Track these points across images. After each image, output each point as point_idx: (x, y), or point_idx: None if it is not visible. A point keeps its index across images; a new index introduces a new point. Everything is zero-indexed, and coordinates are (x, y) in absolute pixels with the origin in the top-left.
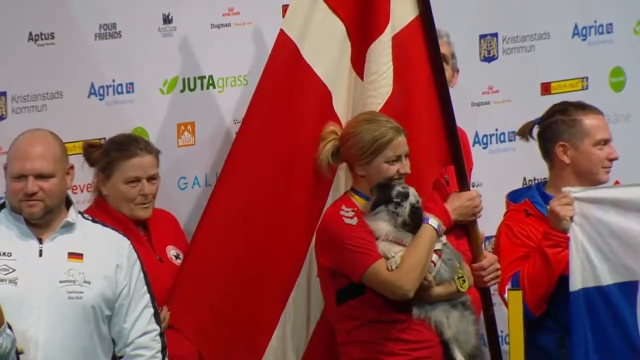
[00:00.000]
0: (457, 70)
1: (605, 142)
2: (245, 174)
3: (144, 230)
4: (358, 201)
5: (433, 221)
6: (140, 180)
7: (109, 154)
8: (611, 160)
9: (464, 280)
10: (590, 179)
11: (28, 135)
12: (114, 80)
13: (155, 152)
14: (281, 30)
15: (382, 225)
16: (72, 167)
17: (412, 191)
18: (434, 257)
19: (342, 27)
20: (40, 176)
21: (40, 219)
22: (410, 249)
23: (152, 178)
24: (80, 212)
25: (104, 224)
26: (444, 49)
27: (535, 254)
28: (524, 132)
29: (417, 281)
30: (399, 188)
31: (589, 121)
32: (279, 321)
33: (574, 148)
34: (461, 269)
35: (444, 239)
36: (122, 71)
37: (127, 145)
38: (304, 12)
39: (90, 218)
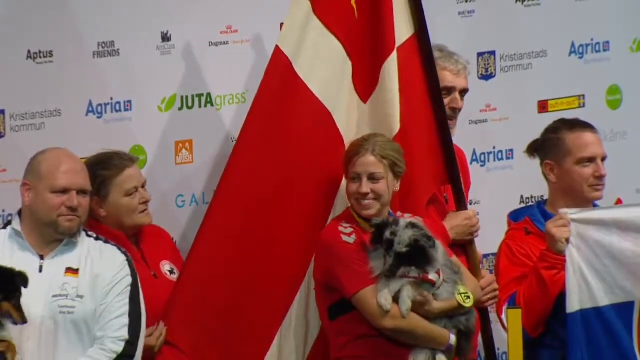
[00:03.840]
0: None
1: (590, 159)
2: (242, 192)
3: (136, 247)
4: (357, 219)
5: (453, 338)
6: (137, 189)
7: (97, 176)
8: (598, 177)
9: (467, 297)
10: (578, 197)
11: (60, 152)
12: (112, 98)
13: (136, 160)
14: (277, 46)
15: (378, 264)
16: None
17: (400, 237)
18: (434, 276)
19: (340, 47)
20: (81, 191)
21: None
22: (423, 322)
23: (144, 185)
24: (84, 230)
25: (106, 240)
26: (465, 83)
27: (532, 275)
28: (529, 151)
29: (397, 334)
30: (387, 234)
31: (572, 139)
32: (275, 338)
33: (559, 167)
34: (463, 286)
35: (443, 259)
36: (120, 89)
37: (112, 160)
38: (298, 29)
39: (94, 235)
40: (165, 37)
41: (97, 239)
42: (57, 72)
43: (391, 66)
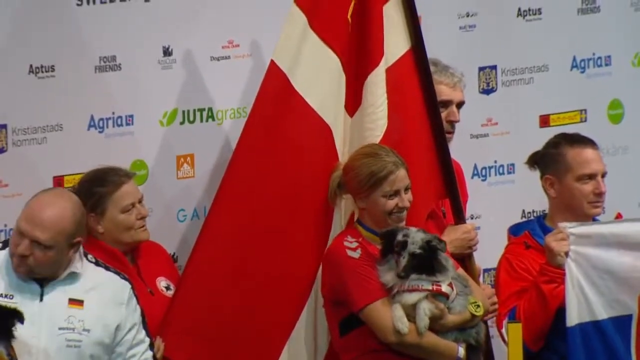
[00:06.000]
0: None
1: (591, 176)
2: (240, 206)
3: (133, 263)
4: (363, 233)
5: (461, 351)
6: (134, 205)
7: (94, 192)
8: (597, 194)
9: (477, 305)
10: (577, 212)
11: (47, 196)
12: (113, 113)
13: (133, 175)
14: (272, 60)
15: (390, 274)
16: (79, 242)
17: (412, 238)
18: (448, 289)
19: (337, 61)
20: (36, 243)
21: (29, 274)
22: (431, 336)
23: (140, 200)
24: (85, 254)
25: (107, 267)
26: (462, 96)
27: (531, 289)
28: (530, 162)
29: (404, 348)
30: (399, 237)
31: (573, 155)
32: (282, 354)
33: (559, 182)
34: (473, 296)
35: (453, 272)
36: (121, 103)
37: (108, 176)
38: (294, 43)
39: (93, 260)
40: (167, 52)
41: (97, 264)
42: (59, 87)
43: (374, 80)
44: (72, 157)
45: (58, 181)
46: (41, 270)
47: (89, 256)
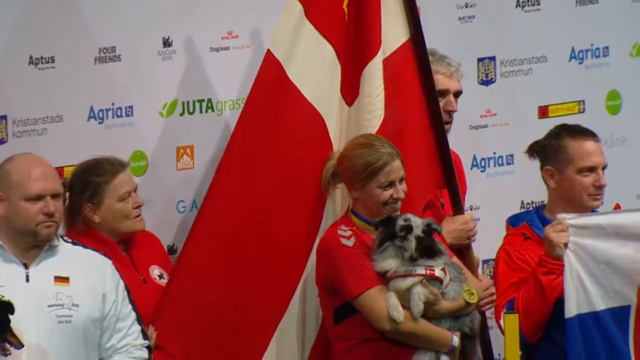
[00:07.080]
0: None
1: (591, 169)
2: (234, 195)
3: (126, 252)
4: (357, 222)
5: (455, 340)
6: (130, 193)
7: (90, 182)
8: (597, 187)
9: (472, 293)
10: (577, 204)
11: (28, 158)
12: (113, 104)
13: (127, 164)
14: (268, 49)
15: (389, 262)
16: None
17: (414, 222)
18: (441, 273)
19: (332, 51)
20: (55, 196)
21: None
22: (425, 324)
23: (135, 189)
24: (60, 236)
25: (84, 246)
26: (459, 85)
27: (530, 280)
28: (530, 152)
29: (399, 336)
30: (401, 222)
31: (574, 147)
32: (270, 343)
33: (559, 173)
34: (467, 284)
35: (446, 257)
36: (121, 95)
37: (103, 166)
38: (290, 33)
39: (70, 240)
40: (167, 43)
41: (74, 244)
42: (59, 78)
43: (371, 70)
44: (72, 148)
45: (58, 172)
46: (60, 222)
47: (65, 237)
